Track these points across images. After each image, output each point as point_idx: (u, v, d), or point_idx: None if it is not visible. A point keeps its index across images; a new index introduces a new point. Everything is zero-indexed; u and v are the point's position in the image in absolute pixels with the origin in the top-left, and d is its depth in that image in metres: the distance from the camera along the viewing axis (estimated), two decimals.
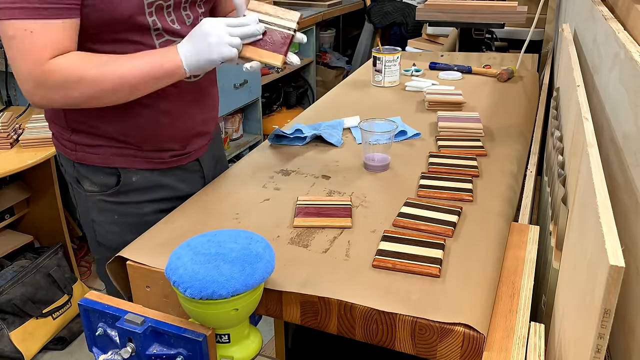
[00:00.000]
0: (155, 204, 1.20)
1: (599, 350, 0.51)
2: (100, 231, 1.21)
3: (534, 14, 1.96)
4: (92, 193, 1.18)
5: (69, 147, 1.17)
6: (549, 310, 0.90)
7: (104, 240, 1.22)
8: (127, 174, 1.17)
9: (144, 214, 1.19)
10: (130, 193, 1.18)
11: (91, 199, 1.19)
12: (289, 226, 1.04)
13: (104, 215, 1.19)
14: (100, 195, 1.18)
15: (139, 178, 1.18)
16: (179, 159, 1.23)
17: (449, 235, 0.99)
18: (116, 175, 1.17)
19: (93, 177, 1.17)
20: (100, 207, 1.19)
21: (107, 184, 1.17)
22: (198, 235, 0.83)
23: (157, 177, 1.20)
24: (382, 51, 1.79)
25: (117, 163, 1.16)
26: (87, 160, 1.16)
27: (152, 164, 1.19)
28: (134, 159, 1.16)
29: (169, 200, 1.21)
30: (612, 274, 0.48)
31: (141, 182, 1.18)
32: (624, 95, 0.80)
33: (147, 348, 0.76)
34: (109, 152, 1.15)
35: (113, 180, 1.17)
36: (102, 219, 1.20)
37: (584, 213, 0.67)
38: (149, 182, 1.19)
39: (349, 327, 0.85)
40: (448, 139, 1.38)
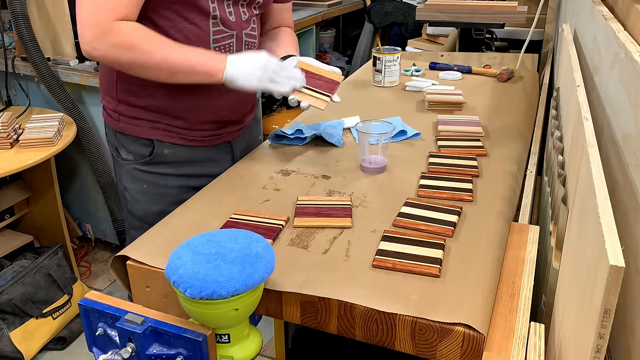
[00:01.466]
0: (182, 179, 1.30)
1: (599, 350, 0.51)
2: (129, 199, 1.32)
3: (534, 14, 1.96)
4: (127, 161, 1.29)
5: (113, 116, 1.29)
6: (549, 310, 0.90)
7: (132, 207, 1.33)
8: (161, 146, 1.27)
9: (170, 186, 1.30)
10: (161, 165, 1.29)
11: (125, 167, 1.30)
12: (289, 226, 1.04)
13: (135, 183, 1.30)
14: (134, 163, 1.29)
15: (171, 152, 1.28)
16: (211, 139, 1.32)
17: (449, 235, 0.99)
18: (151, 146, 1.27)
19: (130, 146, 1.28)
20: (132, 175, 1.30)
21: (141, 154, 1.28)
22: (198, 235, 0.83)
23: (188, 153, 1.29)
24: (382, 51, 1.79)
25: (153, 135, 1.26)
26: (127, 130, 1.27)
27: (185, 140, 1.29)
28: (168, 134, 1.27)
29: (195, 177, 1.30)
30: (612, 274, 0.48)
31: (172, 156, 1.29)
32: (624, 95, 0.80)
33: (147, 348, 0.76)
34: (147, 125, 1.26)
35: (147, 150, 1.28)
36: (132, 187, 1.31)
37: (584, 213, 0.67)
38: (179, 156, 1.29)
39: (349, 327, 0.85)
40: (448, 139, 1.38)
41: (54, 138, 2.00)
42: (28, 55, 2.18)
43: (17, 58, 2.35)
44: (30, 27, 2.15)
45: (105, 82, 1.30)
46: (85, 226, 2.61)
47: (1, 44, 2.42)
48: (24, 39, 2.14)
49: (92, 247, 2.64)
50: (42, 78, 2.22)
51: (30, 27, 2.15)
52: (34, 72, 2.25)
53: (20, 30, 2.13)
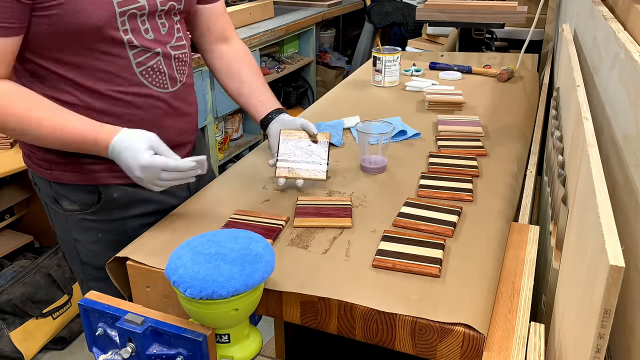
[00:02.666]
0: (139, 219, 1.15)
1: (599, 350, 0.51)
2: (83, 250, 1.17)
3: (534, 14, 1.96)
4: (72, 212, 1.13)
5: (43, 165, 1.12)
6: (549, 310, 0.90)
7: (88, 259, 1.17)
8: (108, 190, 1.12)
9: (127, 229, 1.14)
10: (112, 210, 1.13)
11: (72, 219, 1.14)
12: (289, 226, 1.04)
13: (87, 234, 1.15)
14: (81, 214, 1.13)
15: (120, 193, 1.13)
16: None
17: (449, 235, 0.99)
18: (96, 192, 1.12)
19: (72, 195, 1.12)
20: (82, 226, 1.14)
21: (87, 202, 1.12)
22: (198, 236, 0.83)
23: (139, 191, 1.12)
24: (382, 51, 1.79)
25: (96, 180, 1.11)
26: (64, 179, 1.11)
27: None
28: (113, 174, 1.10)
29: (153, 214, 1.15)
30: (612, 274, 0.48)
31: (123, 197, 1.13)
32: (624, 95, 0.80)
33: (147, 348, 0.76)
34: (87, 169, 1.10)
35: (94, 198, 1.12)
36: (84, 238, 1.15)
37: (584, 213, 0.67)
38: (131, 197, 1.14)
39: (349, 327, 0.85)
40: (448, 139, 1.38)
41: None
42: None
43: None
44: None
45: None
46: None
47: None
48: None
49: None
50: None
51: None
52: None
53: None
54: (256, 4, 3.09)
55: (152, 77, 1.09)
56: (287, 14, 3.37)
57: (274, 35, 2.97)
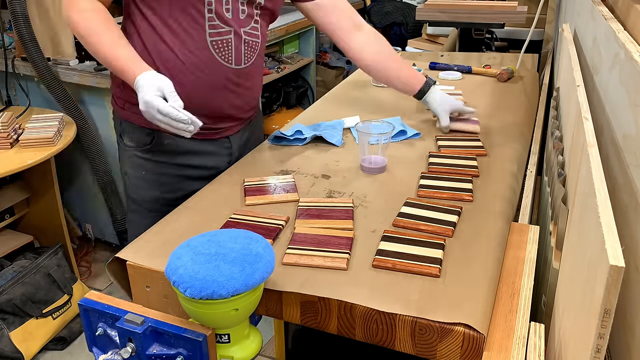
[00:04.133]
0: (179, 169, 1.34)
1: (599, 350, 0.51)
2: (129, 184, 1.38)
3: (534, 14, 1.96)
4: (129, 148, 1.34)
5: (119, 103, 1.33)
6: (549, 310, 0.90)
7: (131, 192, 1.38)
8: (161, 136, 1.30)
9: (167, 174, 1.33)
10: (159, 153, 1.32)
11: (127, 153, 1.35)
12: (289, 226, 1.04)
13: (135, 169, 1.35)
14: (135, 150, 1.33)
15: (170, 142, 1.31)
16: (209, 133, 1.32)
17: (449, 235, 0.99)
18: (151, 135, 1.31)
19: (132, 134, 1.33)
20: (133, 161, 1.35)
21: (142, 142, 1.32)
22: (198, 236, 0.83)
23: (187, 145, 1.31)
24: None
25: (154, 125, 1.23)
26: (130, 118, 1.31)
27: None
28: None
29: (193, 167, 1.34)
30: (612, 274, 0.48)
31: (171, 146, 1.32)
32: (624, 95, 0.80)
33: (147, 348, 0.76)
34: None
35: (148, 139, 1.31)
36: (132, 172, 1.36)
37: (584, 213, 0.67)
38: (178, 147, 1.32)
39: (349, 327, 0.85)
40: (448, 138, 1.38)
41: (54, 138, 2.00)
42: (28, 55, 2.18)
43: (17, 58, 2.34)
44: (30, 27, 2.14)
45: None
46: (85, 226, 2.61)
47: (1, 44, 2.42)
48: (24, 39, 2.14)
49: (92, 247, 2.64)
50: (42, 78, 2.22)
51: (30, 27, 2.15)
52: (34, 72, 2.25)
53: (20, 30, 2.13)
54: None
55: (220, 49, 1.23)
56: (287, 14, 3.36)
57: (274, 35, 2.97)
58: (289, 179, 1.19)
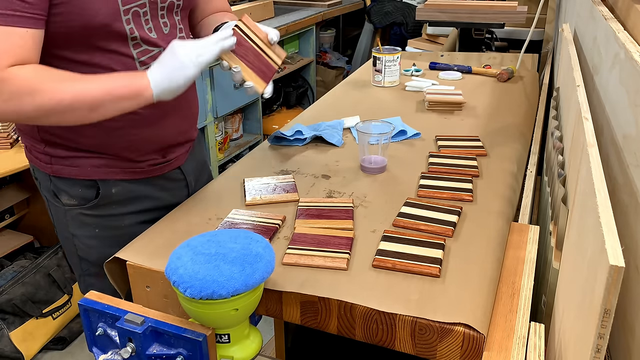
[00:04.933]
0: (136, 216, 1.16)
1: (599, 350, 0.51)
2: (80, 245, 1.17)
3: (534, 14, 1.96)
4: (70, 207, 1.14)
5: (43, 160, 1.12)
6: (549, 310, 0.90)
7: (85, 254, 1.18)
8: (106, 185, 1.12)
9: (125, 226, 1.15)
10: (110, 205, 1.14)
11: (70, 213, 1.14)
12: (289, 226, 1.04)
13: (84, 229, 1.15)
14: (79, 208, 1.13)
15: (118, 189, 1.13)
16: (160, 167, 1.18)
17: (449, 235, 0.99)
18: (95, 187, 1.12)
19: (71, 190, 1.12)
20: (80, 220, 1.14)
21: (85, 197, 1.13)
22: (198, 235, 0.83)
23: (138, 187, 1.15)
24: (382, 51, 1.79)
25: (94, 175, 1.11)
26: (63, 173, 1.11)
27: (131, 174, 1.14)
28: (112, 170, 1.12)
29: (151, 211, 1.17)
30: (612, 274, 0.48)
31: (121, 193, 1.14)
32: (624, 95, 0.80)
33: (147, 348, 0.76)
34: (86, 164, 1.11)
35: (92, 192, 1.12)
36: (82, 233, 1.16)
37: (584, 213, 0.67)
38: (129, 193, 1.15)
39: (349, 327, 0.85)
40: (448, 138, 1.38)
41: None
42: None
43: None
44: None
45: (23, 127, 1.14)
46: None
47: None
48: None
49: None
50: None
51: None
52: None
53: None
54: (256, 4, 3.09)
55: None
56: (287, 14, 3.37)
57: None
58: (289, 179, 1.19)
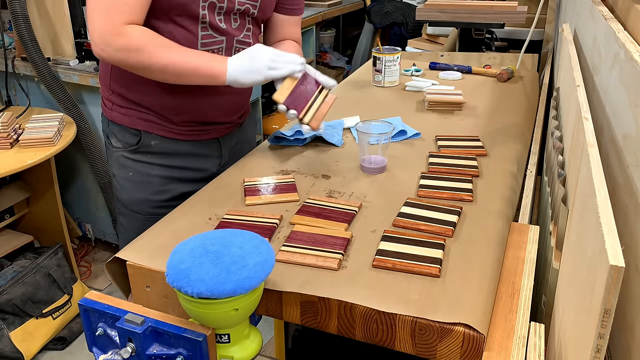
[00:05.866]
0: (166, 170, 1.33)
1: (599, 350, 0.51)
2: (117, 185, 1.37)
3: (534, 14, 1.96)
4: (116, 149, 1.34)
5: (107, 105, 1.34)
6: (549, 310, 0.90)
7: (119, 194, 1.37)
8: (147, 137, 1.31)
9: (154, 175, 1.33)
10: (146, 154, 1.32)
11: (115, 154, 1.35)
12: (288, 226, 1.04)
13: (122, 170, 1.34)
14: (122, 151, 1.33)
15: (157, 143, 1.32)
16: (199, 134, 1.34)
17: (449, 235, 0.99)
18: (138, 136, 1.31)
19: (119, 134, 1.33)
20: (120, 162, 1.34)
21: (129, 142, 1.32)
22: (197, 235, 0.83)
23: (174, 146, 1.33)
24: (382, 51, 1.79)
25: (140, 126, 1.30)
26: (117, 119, 1.32)
27: (171, 134, 1.32)
28: (156, 125, 1.30)
29: (180, 169, 1.34)
30: (612, 274, 0.48)
31: (158, 147, 1.32)
32: (624, 95, 0.80)
33: (147, 348, 0.76)
34: (136, 115, 1.30)
35: (135, 140, 1.32)
36: (119, 174, 1.35)
37: (584, 213, 0.67)
38: (165, 148, 1.32)
39: (349, 327, 0.85)
40: (448, 138, 1.38)
41: (54, 138, 2.00)
42: (28, 55, 2.18)
43: (17, 58, 2.35)
44: (30, 27, 2.15)
45: (102, 72, 1.35)
46: (85, 226, 2.61)
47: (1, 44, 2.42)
48: (24, 39, 2.14)
49: (92, 247, 2.64)
50: (42, 78, 2.22)
51: (30, 27, 2.15)
52: (34, 72, 2.25)
53: (20, 30, 2.13)
54: None
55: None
56: None
57: None
58: (289, 179, 1.19)
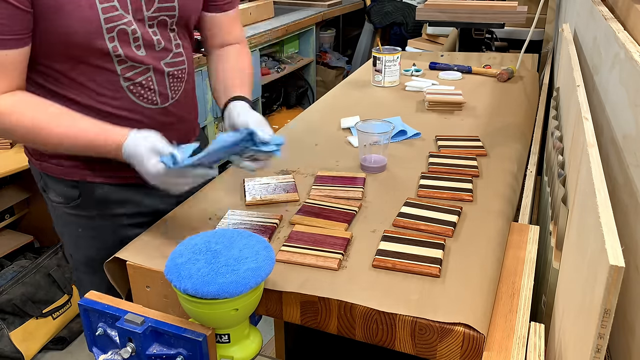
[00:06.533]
0: (119, 219, 1.14)
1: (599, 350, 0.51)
2: (68, 243, 1.19)
3: (534, 14, 1.96)
4: (57, 204, 1.15)
5: (34, 155, 1.14)
6: (549, 310, 0.90)
7: (72, 252, 1.20)
8: (88, 187, 1.11)
9: (106, 227, 1.14)
10: (92, 207, 1.13)
11: (57, 211, 1.16)
12: (288, 226, 1.04)
13: (69, 228, 1.16)
14: (64, 207, 1.14)
15: (100, 193, 1.12)
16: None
17: (449, 235, 0.99)
18: (77, 188, 1.12)
19: (57, 188, 1.13)
20: (65, 219, 1.16)
21: (69, 196, 1.12)
22: (197, 235, 0.83)
23: (122, 192, 1.13)
24: (382, 51, 1.79)
25: (77, 176, 1.11)
26: (50, 171, 1.12)
27: (115, 179, 1.12)
28: (93, 172, 1.11)
29: (135, 215, 1.15)
30: (612, 274, 0.48)
31: (103, 196, 1.12)
32: (624, 95, 0.80)
33: (147, 348, 0.76)
34: (71, 164, 1.10)
35: (75, 192, 1.12)
36: (67, 231, 1.17)
37: (584, 213, 0.67)
38: (112, 196, 1.13)
39: (349, 327, 0.85)
40: (448, 138, 1.38)
41: None
42: None
43: None
44: None
45: None
46: None
47: None
48: None
49: None
50: None
51: None
52: None
53: None
54: (256, 4, 3.09)
55: (140, 92, 1.06)
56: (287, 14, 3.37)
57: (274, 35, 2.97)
58: (289, 179, 1.19)
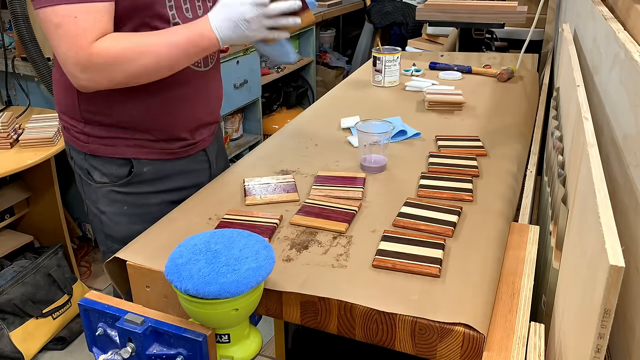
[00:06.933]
0: (162, 195, 1.24)
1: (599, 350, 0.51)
2: (108, 222, 1.24)
3: (534, 14, 1.96)
4: (102, 184, 1.20)
5: (81, 139, 1.19)
6: (549, 310, 0.90)
7: (112, 231, 1.24)
8: (139, 164, 1.20)
9: (151, 204, 1.23)
10: (140, 184, 1.21)
11: (100, 191, 1.21)
12: (288, 226, 1.04)
13: (113, 206, 1.22)
14: (110, 186, 1.20)
15: (149, 168, 1.21)
16: (187, 149, 1.26)
17: (449, 235, 0.99)
18: (128, 166, 1.19)
19: (104, 168, 1.19)
20: (110, 198, 1.21)
21: (118, 175, 1.20)
22: (197, 235, 0.83)
23: (167, 167, 1.23)
24: (382, 51, 1.79)
25: (129, 154, 1.19)
26: (99, 152, 1.18)
27: (163, 154, 1.22)
28: (145, 150, 1.20)
29: (176, 190, 1.25)
30: (612, 274, 0.48)
31: (152, 172, 1.22)
32: (624, 95, 0.80)
33: (147, 348, 0.76)
34: (122, 143, 1.18)
35: (125, 171, 1.20)
36: (111, 210, 1.22)
37: (584, 213, 0.67)
38: (159, 172, 1.22)
39: (349, 327, 0.85)
40: (448, 138, 1.38)
41: (54, 138, 2.00)
42: (28, 55, 2.18)
43: (17, 58, 2.35)
44: (30, 27, 2.15)
45: (64, 104, 1.20)
46: (85, 226, 2.61)
47: (1, 44, 2.42)
48: (24, 39, 2.14)
49: (92, 247, 2.64)
50: (42, 78, 2.22)
51: (30, 27, 2.15)
52: (34, 72, 2.25)
53: (20, 30, 2.13)
54: None
55: None
56: None
57: None
58: (289, 179, 1.19)
